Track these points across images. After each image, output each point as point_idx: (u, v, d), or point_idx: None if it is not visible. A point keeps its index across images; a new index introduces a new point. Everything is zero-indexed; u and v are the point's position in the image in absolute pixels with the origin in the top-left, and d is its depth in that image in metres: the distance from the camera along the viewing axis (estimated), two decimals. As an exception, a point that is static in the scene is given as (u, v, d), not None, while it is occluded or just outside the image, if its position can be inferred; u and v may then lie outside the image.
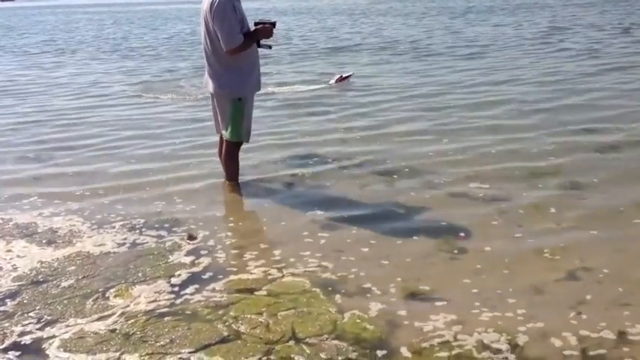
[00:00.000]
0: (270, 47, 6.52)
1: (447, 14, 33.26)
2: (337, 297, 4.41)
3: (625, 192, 6.42)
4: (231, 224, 6.12)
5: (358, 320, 4.08)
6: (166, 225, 5.94)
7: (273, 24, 6.39)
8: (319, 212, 6.15)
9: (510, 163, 7.53)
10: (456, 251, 5.18)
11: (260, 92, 7.10)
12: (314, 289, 4.52)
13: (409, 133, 9.24)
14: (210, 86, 6.63)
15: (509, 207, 6.13)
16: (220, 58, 6.37)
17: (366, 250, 5.26)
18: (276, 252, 5.27)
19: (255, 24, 6.36)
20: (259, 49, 6.52)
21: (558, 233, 5.48)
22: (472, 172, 7.26)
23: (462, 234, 5.51)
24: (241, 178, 7.06)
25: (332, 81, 13.85)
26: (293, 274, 4.79)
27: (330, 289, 4.53)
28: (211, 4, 6.14)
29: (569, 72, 13.97)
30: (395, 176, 7.25)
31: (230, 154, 6.87)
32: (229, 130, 6.60)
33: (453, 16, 31.19)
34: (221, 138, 6.95)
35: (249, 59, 6.48)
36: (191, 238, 5.58)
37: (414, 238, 5.47)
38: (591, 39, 20.04)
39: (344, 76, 14.01)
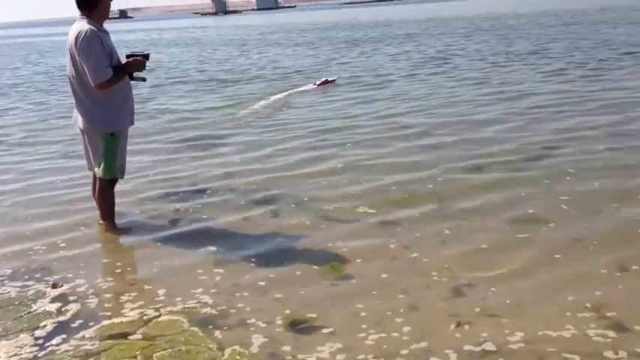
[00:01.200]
0: (144, 80, 6.52)
1: (338, 44, 34.44)
2: (217, 333, 4.36)
3: (502, 212, 6.89)
4: (106, 266, 5.90)
5: (238, 357, 4.05)
6: (33, 274, 5.63)
7: (146, 56, 6.40)
8: (202, 248, 6.08)
9: (400, 190, 7.77)
10: (341, 277, 5.30)
11: (135, 126, 6.95)
12: (192, 327, 4.45)
13: (297, 164, 9.35)
14: (79, 122, 6.43)
15: (396, 232, 6.35)
16: (89, 93, 6.21)
17: (248, 281, 5.25)
18: (153, 292, 5.14)
19: (127, 56, 6.33)
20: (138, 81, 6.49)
21: (443, 253, 5.74)
22: (360, 199, 7.45)
23: (348, 259, 5.65)
24: (119, 217, 6.85)
25: (317, 82, 16.10)
26: (171, 313, 4.69)
27: (210, 325, 4.47)
28: (76, 38, 6.01)
29: (465, 101, 14.65)
30: (280, 206, 7.32)
31: (104, 192, 6.66)
32: (102, 167, 6.42)
33: (349, 46, 32.33)
34: (94, 176, 6.73)
35: (120, 93, 6.37)
36: (55, 286, 5.31)
37: (300, 266, 5.54)
38: (481, 69, 21.30)
39: (329, 79, 14.64)
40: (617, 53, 20.22)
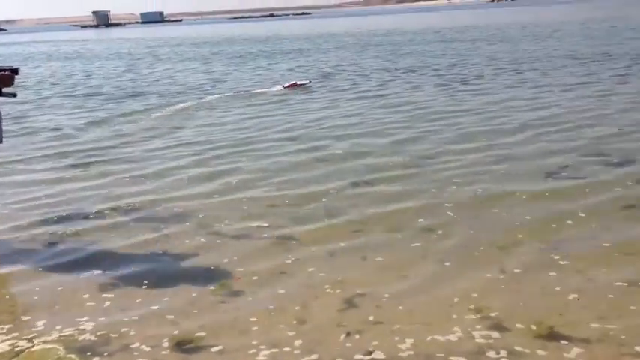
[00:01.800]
0: (14, 95, 6.27)
1: (232, 58, 34.31)
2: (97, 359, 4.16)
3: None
4: (-28, 296, 5.47)
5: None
6: None
7: (15, 70, 6.13)
8: (87, 272, 5.80)
9: (293, 205, 7.81)
10: (232, 293, 5.24)
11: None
12: (69, 354, 4.22)
13: (187, 181, 9.17)
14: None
15: (290, 246, 6.37)
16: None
17: (137, 304, 5.08)
18: (32, 321, 4.83)
19: (-6, 72, 6.00)
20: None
21: (336, 265, 5.83)
22: (253, 215, 7.41)
23: (240, 276, 5.60)
24: (-11, 242, 6.38)
25: (285, 85, 16.65)
26: (46, 342, 4.42)
27: (89, 352, 4.26)
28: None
29: (357, 115, 15.05)
30: (169, 225, 7.14)
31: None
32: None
33: (244, 60, 32.27)
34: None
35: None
36: None
37: (189, 286, 5.42)
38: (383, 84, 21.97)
39: (298, 82, 14.49)
40: (494, 68, 21.64)
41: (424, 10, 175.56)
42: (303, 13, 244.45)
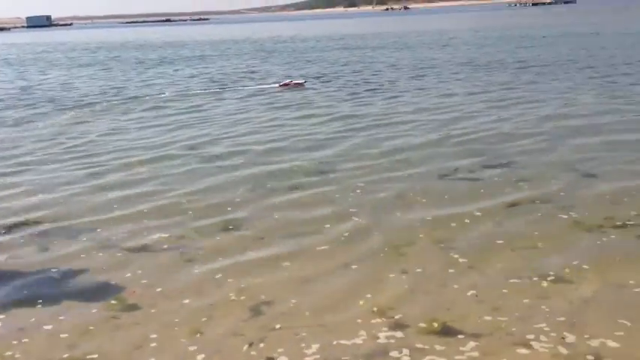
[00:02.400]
0: None
1: (132, 64, 33.27)
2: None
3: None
4: None
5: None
6: None
7: None
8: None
9: (195, 215, 7.72)
10: (126, 308, 5.14)
11: None
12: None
13: (82, 191, 8.85)
14: None
15: (192, 256, 6.30)
16: None
17: (27, 323, 4.88)
18: None
19: None
20: None
21: (241, 272, 5.83)
22: (151, 226, 7.26)
23: (134, 289, 5.48)
24: None
25: (280, 83, 16.78)
26: None
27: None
28: None
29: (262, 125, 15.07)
30: (62, 238, 6.87)
31: None
32: None
33: (148, 67, 31.34)
34: None
35: None
36: None
37: (85, 302, 5.25)
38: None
39: (295, 82, 16.15)
40: (397, 74, 22.36)
41: (323, 17, 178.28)
42: (200, 19, 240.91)
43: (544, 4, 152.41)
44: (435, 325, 4.69)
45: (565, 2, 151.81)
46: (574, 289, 5.25)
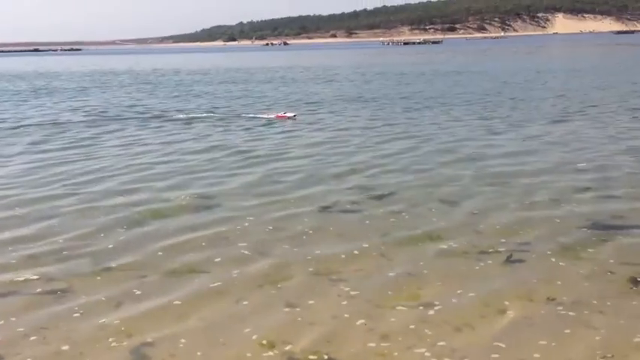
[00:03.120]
0: None
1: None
2: None
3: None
4: None
5: None
6: None
7: None
8: None
9: (66, 252, 7.38)
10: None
11: None
12: None
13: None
14: None
15: (62, 298, 5.99)
16: None
17: None
18: None
19: None
20: None
21: (121, 315, 5.59)
22: (19, 265, 6.87)
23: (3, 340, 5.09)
24: None
25: (277, 115, 16.16)
26: None
27: None
28: None
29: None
30: None
31: None
32: None
33: (22, 98, 29.40)
34: None
35: None
36: None
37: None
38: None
39: (288, 115, 15.71)
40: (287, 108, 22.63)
41: (204, 50, 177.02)
42: (72, 49, 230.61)
43: (414, 43, 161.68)
44: (325, 356, 4.74)
45: (433, 43, 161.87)
46: (458, 317, 5.45)
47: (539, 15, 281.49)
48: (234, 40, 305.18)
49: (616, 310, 5.56)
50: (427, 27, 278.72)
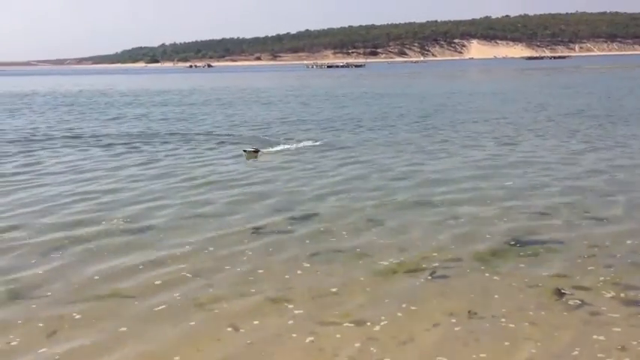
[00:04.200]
0: None
1: None
2: None
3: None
4: None
5: None
6: None
7: None
8: None
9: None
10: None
11: None
12: None
13: None
14: None
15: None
16: None
17: None
18: None
19: None
20: None
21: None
22: None
23: None
24: None
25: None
26: None
27: None
28: None
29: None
30: None
31: None
32: None
33: None
34: None
35: None
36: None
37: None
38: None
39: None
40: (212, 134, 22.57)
41: (123, 72, 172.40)
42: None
43: (337, 66, 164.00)
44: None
45: (356, 66, 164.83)
46: (399, 332, 5.91)
47: (456, 41, 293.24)
48: (156, 61, 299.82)
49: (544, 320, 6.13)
50: (350, 51, 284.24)
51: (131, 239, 8.91)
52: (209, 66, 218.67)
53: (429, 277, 7.25)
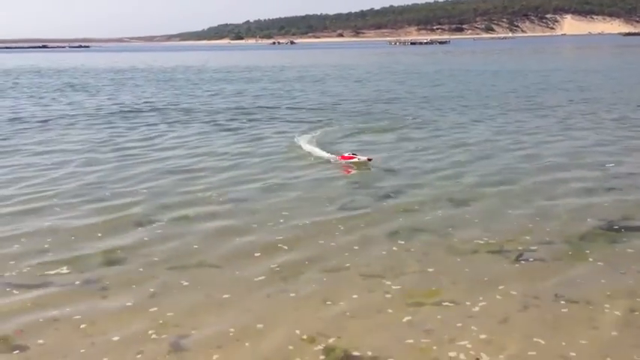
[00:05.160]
0: None
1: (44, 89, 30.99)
2: None
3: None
4: None
5: None
6: None
7: None
8: None
9: None
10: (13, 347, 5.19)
11: None
12: None
13: None
14: None
15: None
16: None
17: None
18: None
19: None
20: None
21: None
22: None
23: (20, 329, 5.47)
24: None
25: (337, 157, 13.31)
26: None
27: None
28: None
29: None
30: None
31: None
32: None
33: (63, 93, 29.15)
34: None
35: None
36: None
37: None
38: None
39: (360, 158, 12.59)
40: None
41: (208, 48, 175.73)
42: (80, 46, 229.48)
43: (421, 43, 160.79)
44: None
45: (440, 43, 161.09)
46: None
47: (548, 16, 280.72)
48: (240, 38, 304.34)
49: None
50: (434, 27, 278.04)
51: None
52: (292, 42, 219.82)
53: (519, 260, 7.22)
